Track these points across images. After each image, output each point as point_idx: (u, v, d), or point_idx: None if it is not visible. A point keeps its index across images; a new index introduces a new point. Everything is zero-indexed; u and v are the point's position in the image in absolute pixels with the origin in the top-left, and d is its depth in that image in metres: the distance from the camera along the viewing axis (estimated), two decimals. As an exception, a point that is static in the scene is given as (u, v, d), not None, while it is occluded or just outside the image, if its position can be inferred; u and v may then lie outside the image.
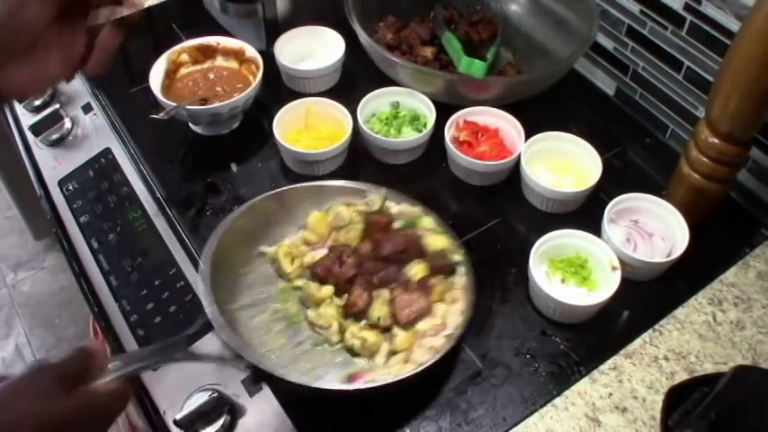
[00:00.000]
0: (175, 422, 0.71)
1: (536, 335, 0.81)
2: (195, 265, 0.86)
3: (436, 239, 0.83)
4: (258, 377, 0.75)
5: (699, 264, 0.86)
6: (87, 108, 1.07)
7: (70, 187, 0.98)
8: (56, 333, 1.92)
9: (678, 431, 0.67)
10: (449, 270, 0.81)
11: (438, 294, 0.79)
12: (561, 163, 0.95)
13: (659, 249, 0.86)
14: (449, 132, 0.96)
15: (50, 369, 0.55)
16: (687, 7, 0.92)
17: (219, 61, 1.06)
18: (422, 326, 0.76)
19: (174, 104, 0.94)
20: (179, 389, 0.75)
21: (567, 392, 0.76)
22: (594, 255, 0.83)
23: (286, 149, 0.95)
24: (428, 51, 1.09)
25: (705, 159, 0.83)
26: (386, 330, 0.77)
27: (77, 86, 1.10)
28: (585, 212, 0.92)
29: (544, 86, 1.03)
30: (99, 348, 0.59)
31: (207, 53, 1.05)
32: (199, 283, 0.76)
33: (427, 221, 0.84)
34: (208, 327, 0.71)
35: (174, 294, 0.84)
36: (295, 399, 0.74)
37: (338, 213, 0.84)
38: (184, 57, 1.04)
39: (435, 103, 0.99)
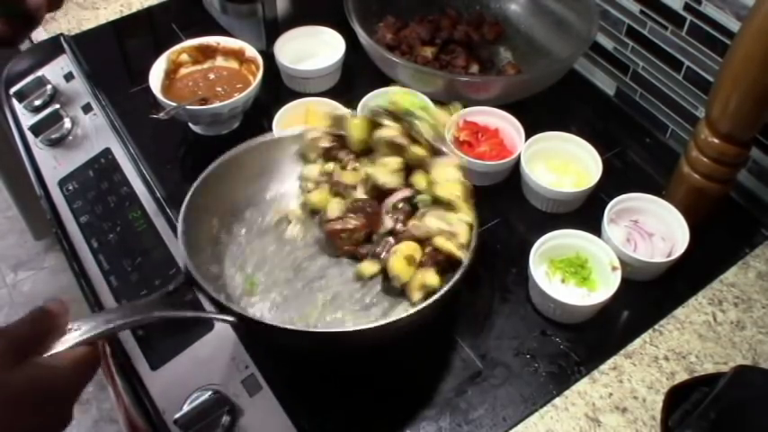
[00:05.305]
0: (175, 422, 0.71)
1: (536, 335, 0.81)
2: (195, 265, 0.86)
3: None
4: (247, 329, 0.70)
5: (699, 264, 0.86)
6: (87, 108, 1.07)
7: (70, 187, 0.98)
8: (56, 333, 1.92)
9: (678, 431, 0.67)
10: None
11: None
12: (561, 163, 0.95)
13: (659, 249, 0.86)
14: (449, 132, 0.96)
15: (2, 335, 0.48)
16: (687, 7, 0.92)
17: (219, 61, 1.06)
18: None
19: (174, 104, 0.94)
20: (179, 389, 0.75)
21: (566, 392, 0.76)
22: (594, 255, 0.83)
23: (286, 149, 0.95)
24: (428, 51, 1.09)
25: (705, 159, 0.83)
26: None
27: (77, 86, 1.10)
28: (585, 212, 0.92)
29: (544, 86, 1.03)
30: (58, 308, 0.53)
31: (207, 53, 1.05)
32: (178, 240, 0.72)
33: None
34: (187, 283, 0.68)
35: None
36: (295, 398, 0.74)
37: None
38: (184, 57, 1.04)
39: (435, 103, 0.99)
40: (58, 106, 1.07)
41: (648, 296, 0.85)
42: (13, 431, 0.47)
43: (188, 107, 0.95)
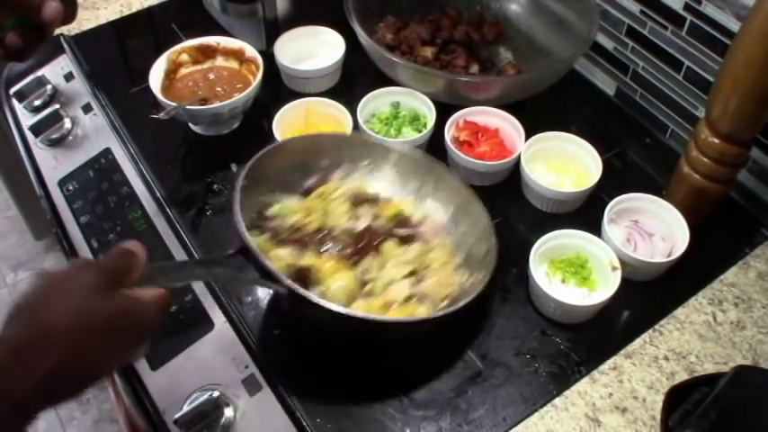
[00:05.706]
0: (175, 422, 0.71)
1: (536, 335, 0.81)
2: (195, 265, 0.86)
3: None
4: (293, 301, 0.70)
5: (699, 264, 0.86)
6: (87, 108, 1.07)
7: (70, 187, 0.98)
8: (56, 333, 1.92)
9: (678, 431, 0.67)
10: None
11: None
12: (561, 163, 0.95)
13: (659, 249, 0.86)
14: (449, 132, 0.96)
15: (95, 267, 0.54)
16: (687, 7, 0.92)
17: (219, 61, 1.06)
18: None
19: (174, 104, 0.94)
20: (179, 389, 0.75)
21: (567, 392, 0.76)
22: (594, 255, 0.83)
23: (286, 149, 0.95)
24: (428, 51, 1.09)
25: (705, 159, 0.83)
26: None
27: (77, 86, 1.10)
28: (585, 212, 0.92)
29: (544, 86, 1.03)
30: (139, 249, 0.57)
31: (207, 53, 1.05)
32: (235, 205, 0.72)
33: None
34: (244, 251, 0.68)
35: (173, 294, 0.84)
36: (295, 398, 0.74)
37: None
38: (184, 57, 1.04)
39: (435, 103, 0.99)
40: (58, 106, 1.07)
41: (648, 296, 0.85)
42: (100, 354, 0.52)
43: (188, 107, 0.95)
